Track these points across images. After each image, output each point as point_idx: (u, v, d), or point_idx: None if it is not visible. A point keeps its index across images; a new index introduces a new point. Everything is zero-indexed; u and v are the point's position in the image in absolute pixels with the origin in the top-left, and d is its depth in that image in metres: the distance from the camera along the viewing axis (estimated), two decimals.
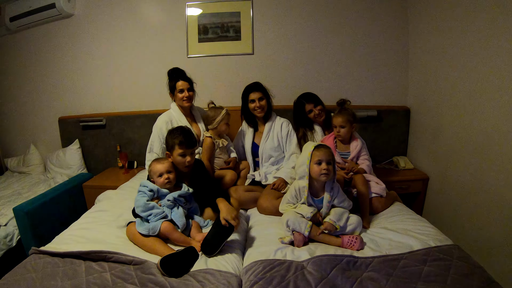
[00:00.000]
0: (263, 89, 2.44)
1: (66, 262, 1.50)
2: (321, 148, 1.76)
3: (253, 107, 2.43)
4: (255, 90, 2.42)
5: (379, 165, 3.01)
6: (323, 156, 1.72)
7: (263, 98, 2.42)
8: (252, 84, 2.47)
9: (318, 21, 3.00)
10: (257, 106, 2.41)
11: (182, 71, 2.42)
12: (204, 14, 3.04)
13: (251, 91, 2.43)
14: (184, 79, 2.37)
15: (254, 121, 2.53)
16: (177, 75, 2.38)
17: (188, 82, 2.38)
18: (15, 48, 3.34)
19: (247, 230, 1.93)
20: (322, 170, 1.70)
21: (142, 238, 1.67)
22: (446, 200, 2.49)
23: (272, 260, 1.48)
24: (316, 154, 1.73)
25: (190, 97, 2.40)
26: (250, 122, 2.54)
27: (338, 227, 1.70)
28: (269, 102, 2.47)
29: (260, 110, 2.42)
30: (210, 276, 1.40)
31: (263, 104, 2.41)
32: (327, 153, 1.74)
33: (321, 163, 1.71)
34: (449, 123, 2.44)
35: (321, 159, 1.72)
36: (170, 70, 2.42)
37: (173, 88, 2.39)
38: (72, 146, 3.22)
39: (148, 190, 1.82)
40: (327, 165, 1.71)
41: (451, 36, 2.36)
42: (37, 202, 2.41)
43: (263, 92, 2.43)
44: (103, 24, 3.14)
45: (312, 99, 2.45)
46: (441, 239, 1.62)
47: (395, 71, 3.03)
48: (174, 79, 2.37)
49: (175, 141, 1.87)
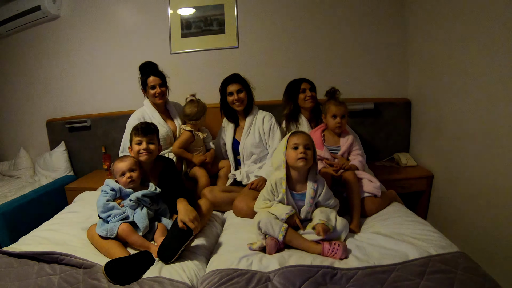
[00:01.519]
0: (242, 81, 2.27)
1: (21, 263, 1.45)
2: (298, 133, 1.61)
3: (232, 100, 2.25)
4: (233, 81, 2.25)
5: (379, 163, 2.80)
6: (299, 140, 1.55)
7: (242, 90, 2.25)
8: (230, 76, 2.29)
9: (308, 10, 2.83)
10: (236, 99, 2.23)
11: (154, 65, 2.30)
12: (186, 9, 2.95)
13: (229, 83, 2.26)
14: (156, 74, 2.25)
15: (235, 116, 2.36)
16: (149, 69, 2.26)
17: (160, 77, 2.26)
18: (5, 52, 3.34)
19: (221, 234, 1.76)
20: (299, 154, 1.52)
21: (100, 240, 1.57)
22: (453, 199, 2.27)
23: (232, 270, 1.28)
24: (293, 139, 1.58)
25: (163, 93, 2.28)
26: (230, 117, 2.37)
27: (331, 227, 1.48)
28: (249, 94, 2.29)
29: (239, 103, 2.24)
30: (157, 285, 1.24)
31: (242, 96, 2.24)
32: (304, 137, 1.58)
33: (298, 147, 1.54)
34: (454, 114, 2.23)
35: (297, 143, 1.55)
36: (142, 64, 2.30)
37: (145, 84, 2.27)
38: (58, 149, 3.17)
39: (110, 190, 1.71)
40: (304, 149, 1.53)
41: (453, 21, 2.16)
42: (14, 204, 2.42)
43: (242, 83, 2.26)
44: (87, 24, 3.10)
45: (310, 82, 2.31)
46: (444, 245, 1.37)
47: (393, 60, 2.82)
48: (146, 74, 2.25)
49: (132, 131, 1.79)
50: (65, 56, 3.18)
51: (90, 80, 3.19)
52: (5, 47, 3.34)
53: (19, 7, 3.03)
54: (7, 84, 3.41)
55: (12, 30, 3.20)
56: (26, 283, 1.31)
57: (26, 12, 3.01)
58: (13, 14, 3.06)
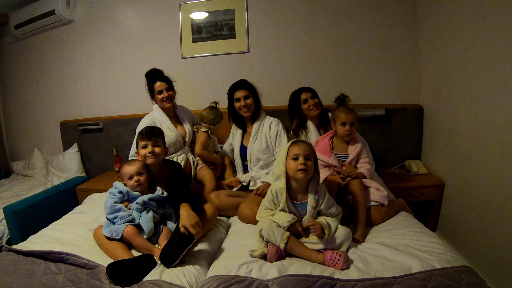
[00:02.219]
0: (249, 87, 2.28)
1: (28, 261, 1.49)
2: (299, 142, 1.55)
3: (239, 106, 2.26)
4: (241, 88, 2.26)
5: (389, 170, 2.74)
6: (299, 150, 1.50)
7: (250, 96, 2.25)
8: (238, 82, 2.31)
9: (318, 15, 2.81)
10: (243, 105, 2.24)
11: (159, 71, 2.33)
12: (197, 13, 2.97)
13: (236, 89, 2.27)
14: (162, 79, 2.28)
15: (243, 121, 2.37)
16: (154, 76, 2.30)
17: (166, 82, 2.29)
18: (20, 55, 3.46)
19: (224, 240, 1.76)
20: (299, 165, 1.48)
21: (106, 241, 1.60)
22: (464, 209, 2.19)
23: (231, 276, 1.27)
24: (293, 148, 1.53)
25: (170, 97, 2.30)
26: (238, 123, 2.38)
27: (326, 232, 1.46)
28: (257, 100, 2.30)
29: (246, 109, 2.25)
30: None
31: (249, 103, 2.24)
32: (305, 147, 1.52)
33: (298, 158, 1.50)
34: (467, 122, 2.15)
35: (298, 154, 1.50)
36: (147, 72, 2.34)
37: (152, 90, 2.31)
38: (71, 150, 3.24)
39: (117, 192, 1.74)
40: (305, 160, 1.49)
41: (466, 26, 2.09)
42: (26, 203, 2.46)
43: (250, 89, 2.27)
44: (100, 29, 3.17)
45: (310, 90, 2.28)
46: (449, 259, 1.32)
47: (406, 66, 2.75)
48: (152, 80, 2.30)
49: (138, 136, 1.84)
50: (79, 59, 3.26)
51: (103, 83, 3.25)
52: (20, 50, 3.45)
53: (34, 11, 3.12)
54: (23, 86, 3.52)
55: (27, 33, 3.30)
56: (32, 280, 1.35)
57: (40, 16, 3.10)
58: (28, 18, 3.15)
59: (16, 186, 3.14)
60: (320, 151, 2.00)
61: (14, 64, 3.52)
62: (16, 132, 3.68)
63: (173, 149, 2.30)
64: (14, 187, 3.13)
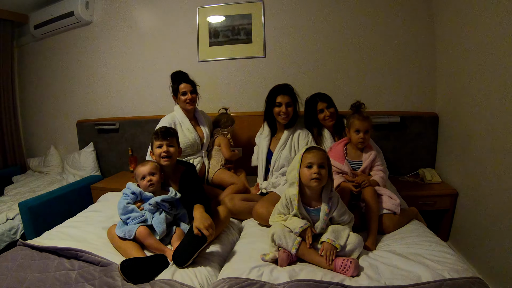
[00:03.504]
0: (292, 93, 2.21)
1: (42, 256, 1.52)
2: (313, 150, 1.54)
3: (278, 112, 2.19)
4: (285, 93, 2.18)
5: (402, 178, 2.71)
6: (314, 159, 1.49)
7: (291, 104, 2.19)
8: (281, 86, 2.23)
9: (334, 21, 2.81)
10: (283, 112, 2.17)
11: (185, 73, 2.39)
12: (214, 17, 3.00)
13: (279, 93, 2.19)
14: (187, 81, 2.34)
15: (274, 125, 2.32)
16: (180, 77, 2.36)
17: (191, 84, 2.35)
18: (39, 55, 3.56)
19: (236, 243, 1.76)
20: (313, 174, 1.47)
21: (119, 240, 1.62)
22: (477, 220, 2.16)
23: (242, 279, 1.28)
24: (307, 156, 1.52)
25: (193, 100, 2.35)
26: (271, 126, 2.33)
27: (338, 246, 1.45)
28: (295, 109, 2.24)
29: (285, 116, 2.19)
30: (168, 287, 1.27)
31: (290, 110, 2.18)
32: (319, 155, 1.51)
33: (312, 166, 1.49)
34: (483, 131, 2.11)
35: (312, 162, 1.49)
36: (173, 73, 2.40)
37: (176, 91, 2.36)
38: (87, 149, 3.31)
39: (130, 193, 1.77)
40: (318, 169, 1.48)
41: (483, 35, 2.06)
42: (41, 199, 2.52)
43: (292, 97, 2.21)
44: (118, 31, 3.23)
45: (326, 99, 2.26)
46: (460, 269, 1.30)
47: (421, 73, 2.73)
48: (177, 81, 2.35)
49: (153, 136, 1.87)
50: (97, 60, 3.33)
51: (120, 84, 3.30)
52: (39, 50, 3.55)
53: (53, 12, 3.20)
54: (41, 84, 3.62)
55: (46, 33, 3.39)
56: (46, 275, 1.38)
57: (60, 17, 3.18)
58: (47, 18, 3.24)
59: (31, 182, 3.22)
60: (334, 157, 2.00)
61: (33, 63, 3.62)
62: (33, 129, 3.78)
63: (190, 150, 2.34)
64: (30, 183, 3.21)
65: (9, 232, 2.39)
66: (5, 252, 1.60)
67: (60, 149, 3.58)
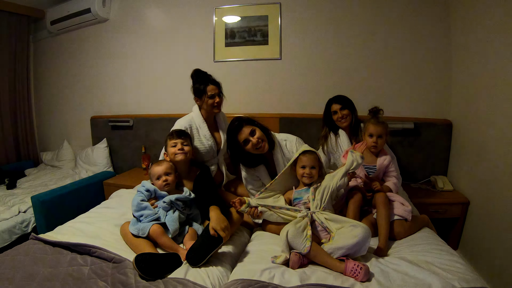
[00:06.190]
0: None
1: (55, 251, 1.53)
2: (307, 154, 1.82)
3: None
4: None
5: (414, 185, 2.69)
6: (307, 162, 1.81)
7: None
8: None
9: (350, 25, 2.79)
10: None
11: (208, 74, 2.17)
12: (231, 17, 3.00)
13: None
14: (214, 83, 2.12)
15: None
16: (205, 78, 2.13)
17: (217, 86, 2.14)
18: (55, 50, 3.61)
19: (248, 244, 1.78)
20: (305, 173, 1.80)
21: (132, 237, 1.63)
22: (488, 229, 2.14)
23: (253, 281, 1.30)
24: (302, 159, 1.82)
25: (221, 103, 2.16)
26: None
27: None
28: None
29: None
30: (181, 286, 1.29)
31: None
32: (311, 159, 1.81)
33: (305, 168, 1.81)
34: (497, 140, 2.09)
35: (305, 165, 1.81)
36: (194, 72, 2.15)
37: (202, 92, 2.10)
38: (100, 145, 3.34)
39: (145, 190, 1.79)
40: (310, 170, 1.80)
41: (500, 40, 2.03)
42: (54, 193, 2.55)
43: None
44: (134, 29, 3.26)
45: (341, 101, 2.27)
46: (470, 279, 1.30)
47: (436, 80, 2.70)
48: (203, 82, 2.10)
49: (167, 137, 1.90)
50: (112, 57, 3.36)
51: (135, 82, 3.33)
52: (55, 45, 3.59)
53: (70, 9, 3.23)
54: (56, 80, 3.67)
55: (62, 29, 3.42)
56: (58, 270, 1.39)
57: (76, 13, 3.21)
58: (64, 14, 3.28)
59: (44, 176, 3.26)
60: None
61: (49, 58, 3.67)
62: (47, 123, 3.84)
63: (207, 157, 2.19)
64: (42, 176, 3.26)
65: (21, 225, 2.42)
66: (17, 245, 1.62)
67: (73, 144, 3.63)
